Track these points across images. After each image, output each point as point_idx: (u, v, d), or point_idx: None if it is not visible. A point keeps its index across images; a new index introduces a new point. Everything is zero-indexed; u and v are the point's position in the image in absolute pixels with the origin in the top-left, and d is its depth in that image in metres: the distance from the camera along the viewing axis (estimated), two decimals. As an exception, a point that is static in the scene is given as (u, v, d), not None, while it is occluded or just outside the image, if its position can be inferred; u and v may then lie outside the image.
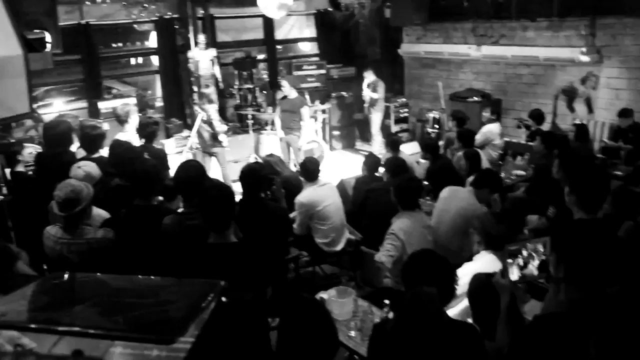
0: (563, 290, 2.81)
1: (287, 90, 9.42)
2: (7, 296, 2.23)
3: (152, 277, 2.66)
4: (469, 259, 5.16)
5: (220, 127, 8.77)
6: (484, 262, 3.66)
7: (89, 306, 2.14)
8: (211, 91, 8.71)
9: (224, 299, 2.27)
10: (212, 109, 8.79)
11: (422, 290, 2.52)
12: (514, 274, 2.79)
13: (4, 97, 3.91)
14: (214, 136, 8.67)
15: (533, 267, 2.80)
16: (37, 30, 5.09)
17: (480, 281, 2.99)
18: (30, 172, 5.61)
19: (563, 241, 2.80)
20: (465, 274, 3.55)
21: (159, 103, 11.99)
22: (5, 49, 3.95)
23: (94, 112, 9.80)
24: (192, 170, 3.87)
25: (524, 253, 2.79)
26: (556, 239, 2.82)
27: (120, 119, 6.39)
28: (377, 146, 10.75)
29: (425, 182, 6.68)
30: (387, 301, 4.00)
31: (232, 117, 11.32)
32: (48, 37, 5.14)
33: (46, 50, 5.14)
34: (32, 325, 2.02)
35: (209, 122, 8.62)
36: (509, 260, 2.79)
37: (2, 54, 3.89)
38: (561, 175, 5.48)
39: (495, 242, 3.65)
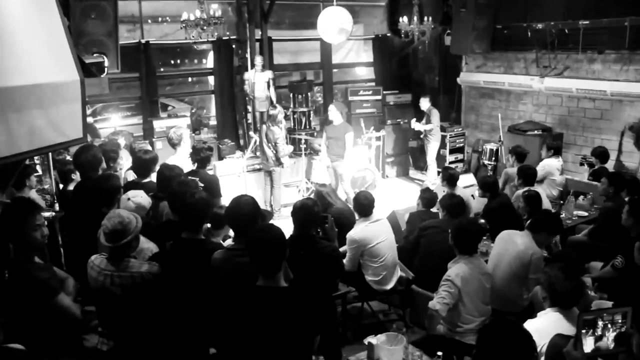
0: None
1: (333, 115, 9.26)
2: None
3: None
4: (529, 308, 4.94)
5: (284, 149, 8.77)
6: (549, 320, 3.38)
7: None
8: (277, 112, 8.66)
9: None
10: (280, 131, 8.75)
11: None
12: (588, 346, 2.54)
13: (58, 122, 3.87)
14: (277, 156, 8.71)
15: (609, 339, 2.54)
16: (96, 54, 5.11)
17: (559, 347, 2.72)
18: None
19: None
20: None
21: (213, 122, 12.04)
22: (64, 74, 3.92)
23: (148, 129, 9.90)
24: (245, 207, 3.72)
25: (600, 323, 2.53)
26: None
27: (172, 143, 6.39)
28: (432, 175, 10.53)
29: (482, 220, 6.44)
30: (439, 353, 3.79)
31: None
32: (106, 61, 5.16)
33: (103, 75, 5.16)
34: None
35: (274, 143, 8.60)
36: (583, 331, 2.54)
37: (59, 79, 3.86)
38: (631, 223, 5.13)
39: (563, 301, 3.38)
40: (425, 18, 10.66)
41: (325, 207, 5.65)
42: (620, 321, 2.55)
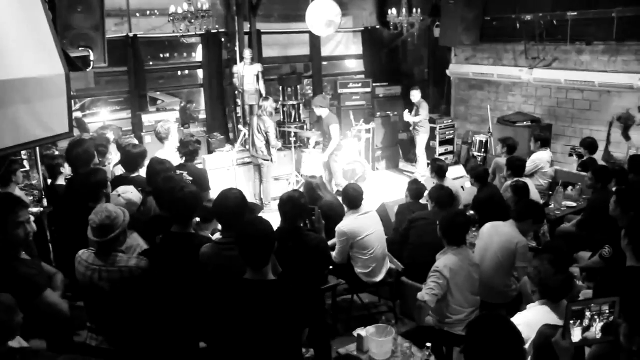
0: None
1: (317, 111, 9.20)
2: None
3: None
4: (517, 299, 4.97)
5: (275, 142, 8.79)
6: (538, 313, 3.39)
7: None
8: (269, 104, 8.65)
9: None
10: (270, 122, 8.74)
11: None
12: (576, 336, 2.55)
13: (44, 117, 3.83)
14: (267, 148, 8.73)
15: (597, 330, 2.55)
16: (82, 48, 5.05)
17: (547, 337, 2.73)
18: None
19: (636, 310, 2.54)
20: (518, 324, 3.31)
21: (203, 116, 12.00)
22: (48, 68, 3.87)
23: (137, 123, 9.85)
24: (232, 201, 3.71)
25: (588, 314, 2.54)
26: (627, 305, 2.55)
27: (160, 137, 6.36)
28: (422, 167, 10.55)
29: (471, 212, 6.47)
30: (429, 344, 3.81)
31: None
32: (92, 55, 5.10)
33: (89, 69, 5.11)
34: None
35: (265, 134, 8.60)
36: (571, 321, 2.54)
37: (44, 73, 3.82)
38: (619, 213, 5.15)
39: (554, 294, 3.40)
40: (414, 10, 10.67)
41: (314, 200, 5.63)
42: (607, 311, 2.56)
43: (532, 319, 3.28)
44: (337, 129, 9.10)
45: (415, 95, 10.51)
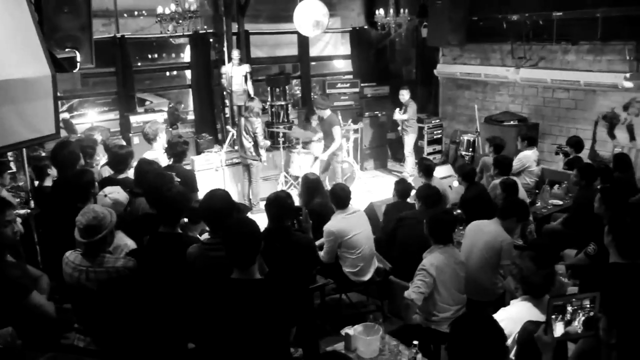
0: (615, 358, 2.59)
1: (320, 112, 9.23)
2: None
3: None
4: (503, 296, 5.01)
5: (263, 141, 8.83)
6: (521, 308, 3.44)
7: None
8: (256, 105, 8.66)
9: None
10: (258, 123, 8.75)
11: None
12: (558, 331, 2.58)
13: (31, 118, 3.83)
14: (255, 149, 8.73)
15: (578, 324, 2.59)
16: (68, 49, 5.04)
17: (530, 332, 2.77)
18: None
19: (615, 304, 2.58)
20: (502, 319, 3.35)
21: (191, 116, 11.99)
22: (34, 69, 3.87)
23: (125, 124, 9.81)
24: (219, 202, 3.73)
25: (569, 308, 2.58)
26: (607, 300, 2.60)
27: (148, 138, 6.35)
28: (410, 167, 10.59)
29: (458, 210, 6.51)
30: (415, 342, 3.83)
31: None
32: (78, 56, 5.10)
33: (75, 70, 5.11)
34: None
35: (253, 135, 8.61)
36: (552, 316, 2.58)
37: (30, 75, 3.81)
38: (603, 210, 5.21)
39: (535, 290, 3.44)
40: (402, 10, 10.71)
41: (312, 196, 5.66)
42: (588, 306, 2.61)
43: (515, 314, 3.32)
44: (339, 130, 9.15)
45: (404, 95, 10.55)
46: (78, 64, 5.14)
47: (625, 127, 8.63)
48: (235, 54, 10.10)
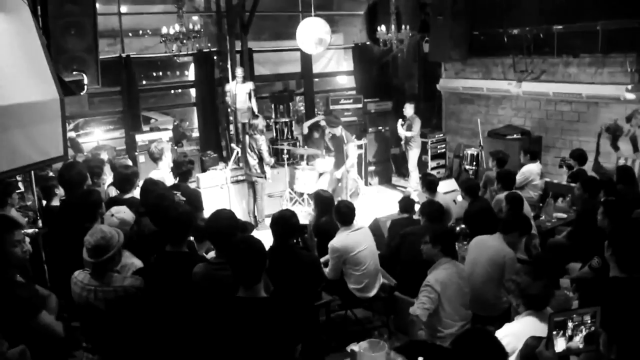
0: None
1: (333, 131, 9.38)
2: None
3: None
4: (508, 310, 5.02)
5: (269, 158, 8.91)
6: (525, 323, 3.47)
7: None
8: (260, 122, 8.78)
9: None
10: (262, 140, 8.84)
11: None
12: (559, 346, 2.61)
13: (39, 141, 3.90)
14: (260, 166, 8.81)
15: (580, 339, 2.61)
16: (76, 72, 5.12)
17: (532, 348, 2.80)
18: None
19: (614, 319, 2.61)
20: (505, 335, 3.39)
21: (196, 134, 12.06)
22: (43, 93, 3.94)
23: (131, 143, 9.90)
24: (224, 221, 3.79)
25: (570, 324, 2.61)
26: (606, 315, 2.62)
27: (154, 157, 6.41)
28: (414, 182, 10.62)
29: (462, 225, 6.53)
30: (421, 358, 3.86)
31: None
32: (85, 79, 5.17)
33: (83, 93, 5.18)
34: None
35: (258, 152, 8.67)
36: (554, 332, 2.61)
37: (39, 99, 3.89)
38: (606, 223, 5.23)
39: (535, 302, 3.47)
40: (403, 26, 10.78)
41: (327, 211, 5.73)
42: (589, 321, 2.63)
43: (518, 330, 3.35)
44: (353, 146, 9.24)
45: (409, 110, 10.62)
46: (85, 87, 5.21)
47: (629, 139, 8.64)
48: (239, 71, 10.18)
